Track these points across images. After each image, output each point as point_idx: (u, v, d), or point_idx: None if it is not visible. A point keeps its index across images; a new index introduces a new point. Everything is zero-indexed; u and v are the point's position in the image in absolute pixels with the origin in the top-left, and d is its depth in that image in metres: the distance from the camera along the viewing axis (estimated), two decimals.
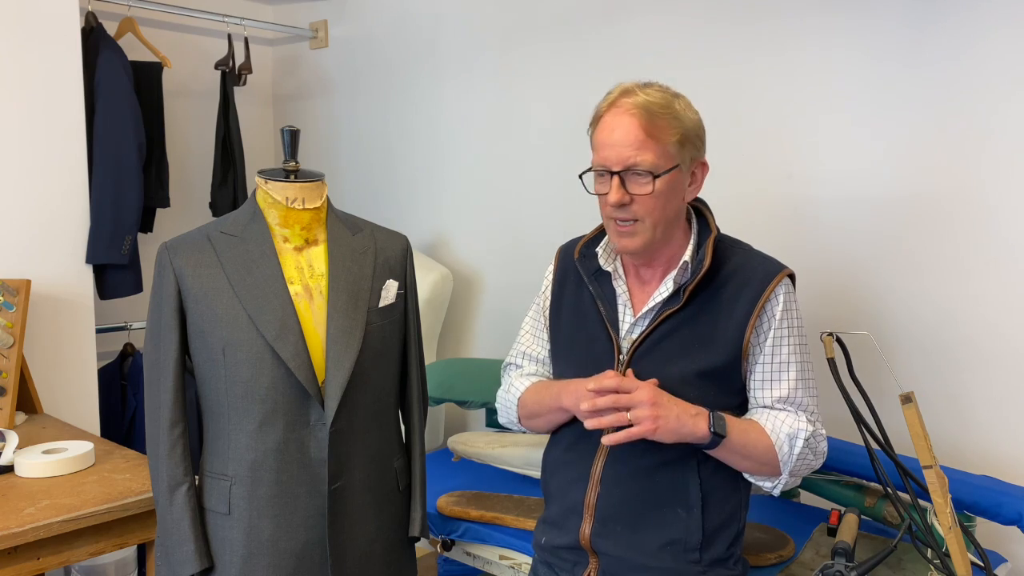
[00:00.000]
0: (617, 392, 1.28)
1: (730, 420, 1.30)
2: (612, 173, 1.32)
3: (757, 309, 1.34)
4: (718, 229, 1.41)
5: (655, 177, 1.30)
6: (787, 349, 1.36)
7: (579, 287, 1.48)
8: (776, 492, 1.38)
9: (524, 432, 1.67)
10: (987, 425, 1.90)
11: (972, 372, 1.90)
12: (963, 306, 1.90)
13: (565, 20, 2.58)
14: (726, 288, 1.36)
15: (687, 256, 1.37)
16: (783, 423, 1.33)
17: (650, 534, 1.37)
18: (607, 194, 1.33)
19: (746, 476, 1.38)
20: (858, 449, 1.76)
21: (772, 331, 1.35)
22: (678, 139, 1.31)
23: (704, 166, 1.38)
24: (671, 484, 1.36)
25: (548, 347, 1.57)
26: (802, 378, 1.37)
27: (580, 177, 1.39)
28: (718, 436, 1.27)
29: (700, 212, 1.45)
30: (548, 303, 1.55)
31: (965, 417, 1.92)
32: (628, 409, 1.27)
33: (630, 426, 1.28)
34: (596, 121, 1.37)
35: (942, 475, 1.45)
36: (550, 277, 1.56)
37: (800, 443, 1.32)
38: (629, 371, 1.33)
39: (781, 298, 1.36)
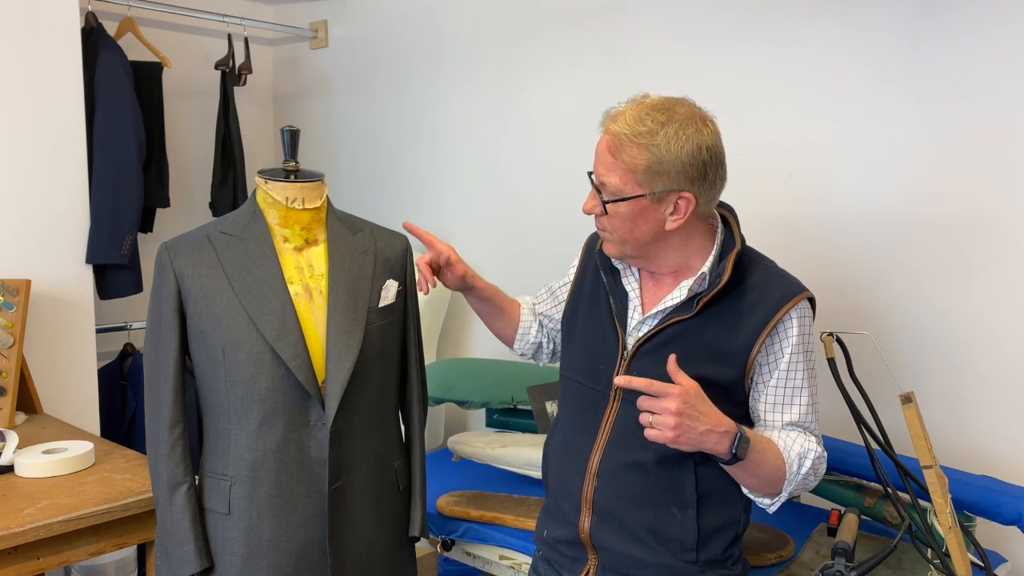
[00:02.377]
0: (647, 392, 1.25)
1: (753, 441, 1.28)
2: (593, 184, 1.37)
3: (768, 328, 1.33)
4: (743, 240, 1.39)
5: (604, 203, 1.34)
6: (801, 374, 1.35)
7: (597, 277, 1.49)
8: (772, 510, 1.37)
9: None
10: (987, 425, 1.90)
11: (972, 372, 1.90)
12: (963, 306, 1.90)
13: (565, 20, 2.58)
14: (740, 303, 1.35)
15: (706, 268, 1.36)
16: (795, 442, 1.34)
17: (647, 531, 1.37)
18: None
19: (744, 491, 1.38)
20: (858, 449, 1.76)
21: (788, 354, 1.34)
22: (645, 169, 1.30)
23: (687, 200, 1.32)
24: (668, 482, 1.36)
25: (547, 310, 1.64)
26: (812, 402, 1.38)
27: (588, 175, 1.40)
28: (736, 458, 1.26)
29: (727, 221, 1.43)
30: (569, 288, 1.57)
31: (965, 417, 1.92)
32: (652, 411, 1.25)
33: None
34: None
35: (942, 475, 1.45)
36: (576, 263, 1.58)
37: (808, 463, 1.33)
38: (673, 361, 1.27)
39: (795, 321, 1.34)
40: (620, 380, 1.26)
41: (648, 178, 1.30)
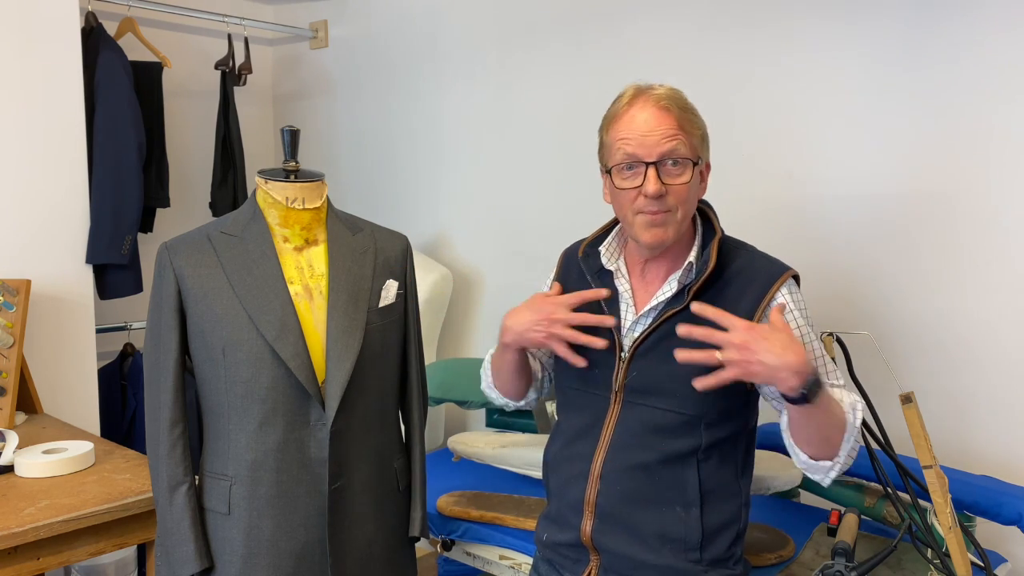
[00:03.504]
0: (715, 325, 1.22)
1: (823, 387, 1.23)
2: (647, 164, 1.31)
3: (760, 310, 1.33)
4: (722, 230, 1.41)
5: (694, 164, 1.32)
6: (817, 344, 1.36)
7: (581, 285, 1.48)
8: (828, 480, 1.32)
9: (506, 402, 1.63)
10: (987, 425, 1.90)
11: (972, 372, 1.90)
12: (963, 306, 1.90)
13: (565, 20, 2.58)
14: (729, 289, 1.36)
15: (692, 257, 1.37)
16: (842, 392, 1.33)
17: (650, 532, 1.37)
18: (639, 187, 1.32)
19: (800, 464, 1.33)
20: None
21: (793, 329, 1.33)
22: (700, 135, 1.35)
23: (709, 168, 1.40)
24: (670, 482, 1.36)
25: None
26: (835, 368, 1.38)
27: (607, 173, 1.37)
28: (818, 384, 1.20)
29: (704, 213, 1.45)
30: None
31: (965, 417, 1.92)
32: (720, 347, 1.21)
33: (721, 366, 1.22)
34: (613, 119, 1.36)
35: (942, 475, 1.45)
36: (550, 279, 1.56)
37: (859, 413, 1.30)
38: (710, 308, 1.24)
39: (788, 298, 1.35)
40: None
41: (701, 143, 1.35)
